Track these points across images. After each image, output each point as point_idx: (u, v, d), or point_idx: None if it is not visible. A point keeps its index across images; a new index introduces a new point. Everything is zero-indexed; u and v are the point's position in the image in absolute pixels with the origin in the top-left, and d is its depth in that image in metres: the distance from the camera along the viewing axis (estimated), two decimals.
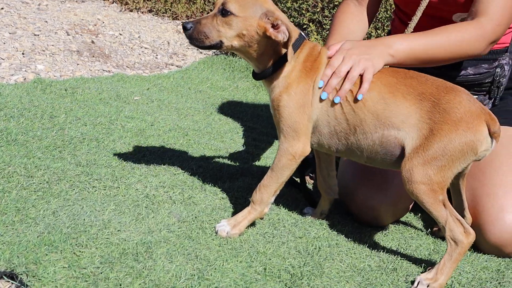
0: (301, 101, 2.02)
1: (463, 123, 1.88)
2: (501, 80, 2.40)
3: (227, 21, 1.96)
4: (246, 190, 2.43)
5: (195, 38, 1.98)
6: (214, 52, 5.09)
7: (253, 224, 2.17)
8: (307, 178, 2.79)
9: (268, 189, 2.10)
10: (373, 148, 2.01)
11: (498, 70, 2.39)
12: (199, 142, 2.95)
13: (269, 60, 2.04)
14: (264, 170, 2.74)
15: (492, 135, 1.94)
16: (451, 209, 1.92)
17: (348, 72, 1.99)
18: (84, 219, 1.95)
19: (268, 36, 1.97)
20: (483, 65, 2.39)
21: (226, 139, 3.16)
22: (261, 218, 2.16)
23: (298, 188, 2.58)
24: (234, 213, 2.22)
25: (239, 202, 2.34)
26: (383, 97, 1.96)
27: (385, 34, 3.77)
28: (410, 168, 1.89)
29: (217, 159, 2.76)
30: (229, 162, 2.76)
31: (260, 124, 3.65)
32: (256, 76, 2.11)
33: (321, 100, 2.01)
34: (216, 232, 2.06)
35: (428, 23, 2.38)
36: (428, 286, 1.91)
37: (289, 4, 4.57)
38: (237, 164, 2.75)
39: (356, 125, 2.00)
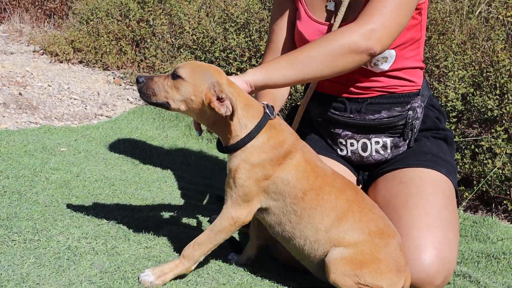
0: (260, 177, 2.05)
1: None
2: (414, 122, 2.50)
3: (176, 85, 2.01)
4: (172, 239, 2.44)
5: (144, 93, 2.05)
6: (144, 102, 5.10)
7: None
8: None
9: (201, 248, 2.11)
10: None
11: (410, 112, 2.49)
12: (125, 192, 2.95)
13: (229, 133, 2.06)
14: (190, 218, 2.75)
15: None
16: None
17: None
18: (1, 274, 1.91)
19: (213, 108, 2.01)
20: (396, 108, 2.49)
21: (153, 188, 3.16)
22: (186, 274, 2.15)
23: None
24: (158, 263, 2.22)
25: (164, 251, 2.33)
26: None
27: None
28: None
29: (143, 209, 2.75)
30: (155, 211, 2.76)
31: (189, 173, 3.67)
32: (220, 149, 2.14)
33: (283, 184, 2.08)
34: (140, 281, 2.05)
35: None
36: None
37: (217, 54, 4.65)
38: (164, 213, 2.75)
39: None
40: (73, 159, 3.34)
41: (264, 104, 2.11)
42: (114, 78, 5.67)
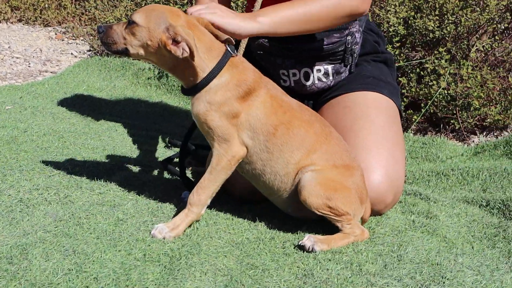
0: (230, 114, 2.06)
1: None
2: (353, 47, 2.53)
3: (132, 30, 2.01)
4: (125, 184, 2.44)
5: (105, 42, 2.06)
6: (88, 54, 5.03)
7: (133, 214, 2.18)
8: (186, 163, 2.83)
9: (206, 191, 2.12)
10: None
11: (349, 38, 2.51)
12: (75, 143, 2.93)
13: (192, 75, 2.06)
14: (142, 162, 2.76)
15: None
16: None
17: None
18: None
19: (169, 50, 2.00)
20: (334, 35, 2.50)
21: (104, 138, 3.14)
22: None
23: (177, 175, 2.62)
24: (112, 207, 2.22)
25: (118, 195, 2.34)
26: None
27: None
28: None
29: (94, 157, 2.74)
30: (106, 159, 2.75)
31: (139, 120, 3.65)
32: (184, 91, 2.13)
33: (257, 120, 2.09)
34: (152, 235, 2.05)
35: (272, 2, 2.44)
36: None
37: None
38: (115, 159, 2.75)
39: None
40: (19, 116, 3.29)
41: (226, 44, 2.12)
42: (56, 34, 5.55)
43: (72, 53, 5.07)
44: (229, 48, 2.10)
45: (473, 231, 2.34)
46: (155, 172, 2.66)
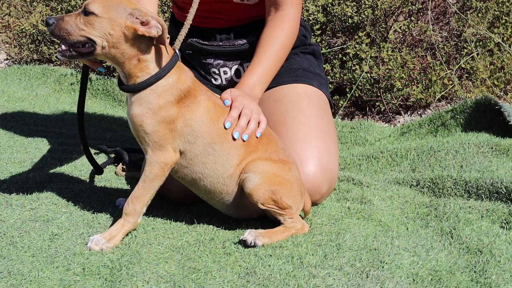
0: (167, 119, 2.04)
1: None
2: None
3: (89, 21, 1.95)
4: (56, 197, 2.38)
5: (57, 34, 1.97)
6: (6, 63, 4.88)
7: (68, 227, 2.14)
8: (119, 170, 2.79)
9: (140, 200, 2.09)
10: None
11: None
12: (1, 158, 2.84)
13: (141, 71, 2.02)
14: (74, 172, 2.70)
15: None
16: None
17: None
18: None
19: (138, 37, 1.97)
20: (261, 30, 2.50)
21: (30, 150, 3.06)
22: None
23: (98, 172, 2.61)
24: (46, 222, 2.17)
25: (51, 209, 2.29)
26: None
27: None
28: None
29: (22, 172, 2.67)
30: (35, 172, 2.68)
31: (66, 128, 3.57)
32: (123, 87, 2.08)
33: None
34: (89, 247, 2.01)
35: (208, 6, 2.46)
36: None
37: (73, 2, 4.47)
38: (44, 172, 2.68)
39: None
40: None
41: (174, 47, 2.13)
42: None
43: None
44: (177, 50, 2.11)
45: (406, 213, 2.40)
46: (87, 183, 2.61)
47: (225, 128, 2.10)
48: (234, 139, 2.11)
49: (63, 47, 2.01)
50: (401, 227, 2.27)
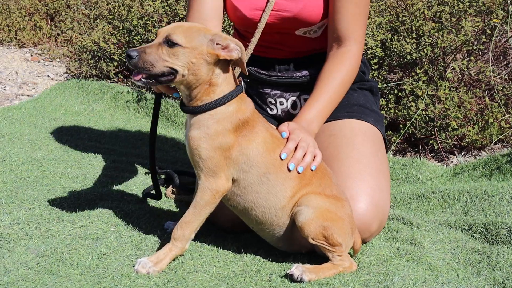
0: (223, 147, 2.06)
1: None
2: None
3: (174, 52, 1.99)
4: (107, 215, 2.41)
5: (141, 67, 1.99)
6: (65, 77, 4.98)
7: (117, 247, 2.16)
8: (169, 192, 2.81)
9: (190, 226, 2.10)
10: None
11: None
12: (55, 172, 2.89)
13: (207, 94, 2.06)
14: (124, 191, 2.73)
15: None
16: None
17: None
18: None
19: (218, 61, 2.03)
20: (321, 65, 2.50)
21: (84, 165, 3.11)
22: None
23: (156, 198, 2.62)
24: (95, 241, 2.19)
25: (100, 228, 2.31)
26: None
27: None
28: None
29: (74, 187, 2.71)
30: (87, 188, 2.72)
31: (119, 145, 3.62)
32: (184, 108, 2.12)
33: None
34: (136, 270, 2.02)
35: (269, 36, 2.48)
36: None
37: (134, 22, 4.56)
38: (96, 189, 2.71)
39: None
40: None
41: (240, 78, 2.16)
42: (31, 56, 5.50)
43: (48, 75, 5.03)
44: (242, 82, 2.14)
45: (457, 258, 2.34)
46: (137, 202, 2.63)
47: (281, 159, 2.10)
48: (289, 170, 2.11)
49: (143, 76, 2.02)
50: (451, 273, 2.22)
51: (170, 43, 2.00)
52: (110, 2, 4.97)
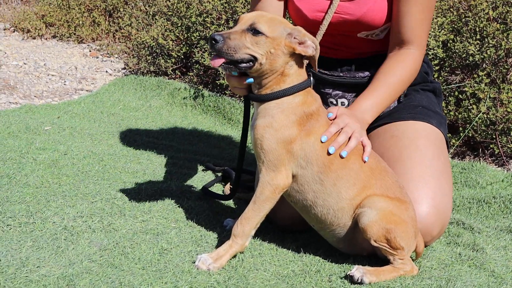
0: (286, 139, 2.06)
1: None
2: None
3: (257, 40, 2.02)
4: (167, 211, 2.43)
5: (225, 52, 2.01)
6: (123, 73, 5.05)
7: (177, 243, 2.17)
8: (226, 189, 2.82)
9: (250, 222, 2.10)
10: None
11: None
12: (115, 167, 2.93)
13: (277, 83, 2.09)
14: (183, 188, 2.75)
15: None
16: None
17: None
18: (0, 260, 1.90)
19: (292, 54, 2.07)
20: None
21: (143, 161, 3.14)
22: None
23: (218, 198, 2.62)
24: (155, 236, 2.22)
25: (161, 223, 2.33)
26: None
27: None
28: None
29: (134, 182, 2.74)
30: (147, 183, 2.75)
31: (176, 142, 3.65)
32: (251, 95, 2.15)
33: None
34: (197, 266, 2.03)
35: (331, 38, 2.46)
36: None
37: (193, 19, 4.59)
38: (155, 185, 2.74)
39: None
40: (58, 137, 3.31)
41: (309, 73, 2.18)
42: (90, 51, 5.60)
43: (106, 71, 5.11)
44: (312, 78, 2.15)
45: None
46: (196, 199, 2.64)
47: (322, 141, 2.07)
48: (329, 154, 2.08)
49: (223, 60, 2.03)
50: None
51: (254, 31, 2.02)
52: None
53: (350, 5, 2.41)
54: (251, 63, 2.04)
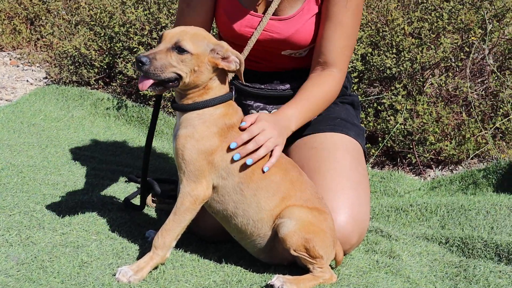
0: (207, 150, 2.07)
1: None
2: None
3: (182, 59, 2.02)
4: (88, 223, 2.41)
5: (152, 72, 2.00)
6: (45, 82, 4.96)
7: (98, 256, 2.15)
8: (149, 200, 2.81)
9: (170, 233, 2.10)
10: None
11: None
12: (35, 178, 2.87)
13: (200, 95, 2.10)
14: (104, 199, 2.72)
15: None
16: None
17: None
18: None
19: (216, 69, 2.08)
20: (306, 78, 2.53)
21: (63, 172, 3.10)
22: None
23: (139, 210, 2.62)
24: (76, 249, 2.19)
25: (81, 236, 2.31)
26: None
27: None
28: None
29: (55, 194, 2.69)
30: (67, 195, 2.71)
31: (99, 153, 3.61)
32: (174, 105, 2.16)
33: (232, 161, 2.09)
34: (117, 279, 2.02)
35: (255, 52, 2.49)
36: None
37: (116, 29, 4.56)
38: (76, 196, 2.70)
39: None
40: None
41: (232, 86, 2.20)
42: (10, 59, 5.46)
43: (27, 80, 5.00)
44: (233, 91, 2.18)
45: (435, 271, 2.38)
46: (118, 211, 2.62)
47: (230, 148, 2.10)
48: (233, 161, 2.10)
49: (151, 82, 2.03)
50: (429, 285, 2.25)
51: (179, 49, 2.03)
52: (91, 8, 4.96)
53: (280, 24, 2.46)
54: (176, 81, 2.05)
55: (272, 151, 2.16)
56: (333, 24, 2.43)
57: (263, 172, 2.12)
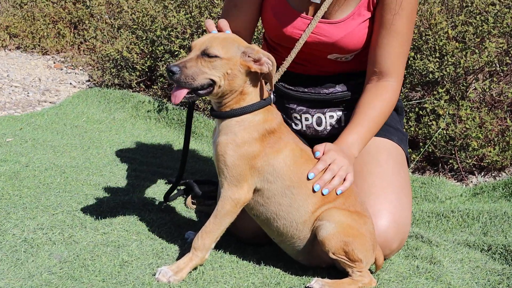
0: (249, 155, 2.09)
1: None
2: None
3: (213, 64, 2.03)
4: (128, 223, 2.43)
5: (183, 81, 2.01)
6: (87, 85, 5.03)
7: (138, 255, 2.17)
8: (189, 202, 2.83)
9: (210, 236, 2.12)
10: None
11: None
12: (77, 179, 2.92)
13: (237, 102, 2.11)
14: (145, 200, 2.75)
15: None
16: None
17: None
18: None
19: (249, 73, 2.08)
20: (350, 82, 2.52)
21: (105, 173, 3.14)
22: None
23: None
24: (117, 248, 2.21)
25: (122, 235, 2.33)
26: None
27: None
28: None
29: (96, 195, 2.73)
30: (109, 196, 2.75)
31: (139, 154, 3.65)
32: (213, 112, 2.17)
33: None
34: (157, 279, 2.04)
35: (300, 54, 2.48)
36: None
37: (158, 33, 4.60)
38: (118, 197, 2.74)
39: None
40: (20, 149, 3.28)
41: (270, 91, 2.20)
42: (54, 63, 5.56)
43: (71, 83, 5.08)
44: (272, 95, 2.17)
45: (476, 278, 2.34)
46: (158, 212, 2.65)
47: (308, 179, 2.11)
48: (314, 191, 2.12)
49: (183, 93, 2.03)
50: None
51: (209, 55, 2.03)
52: (134, 12, 5.02)
53: (329, 28, 2.44)
54: (210, 88, 2.06)
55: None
56: (388, 32, 2.41)
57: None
